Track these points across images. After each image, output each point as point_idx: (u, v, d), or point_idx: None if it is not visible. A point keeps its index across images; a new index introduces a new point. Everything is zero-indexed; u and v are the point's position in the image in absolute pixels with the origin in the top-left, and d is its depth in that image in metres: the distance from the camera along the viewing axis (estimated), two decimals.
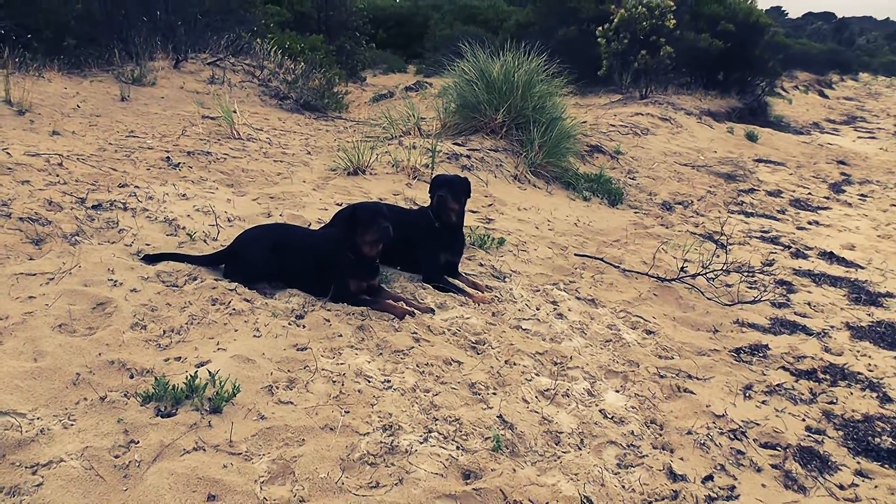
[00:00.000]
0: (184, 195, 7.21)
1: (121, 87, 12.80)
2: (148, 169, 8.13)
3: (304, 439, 3.79)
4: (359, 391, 4.29)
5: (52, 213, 6.06)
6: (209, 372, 4.02)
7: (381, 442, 3.85)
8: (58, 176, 7.10)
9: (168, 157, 8.72)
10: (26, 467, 3.31)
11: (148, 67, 14.67)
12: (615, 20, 23.58)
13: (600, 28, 23.92)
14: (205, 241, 6.31)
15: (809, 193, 14.45)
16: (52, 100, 11.22)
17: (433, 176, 6.59)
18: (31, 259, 5.38)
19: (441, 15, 44.45)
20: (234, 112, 11.18)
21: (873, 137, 25.98)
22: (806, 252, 9.93)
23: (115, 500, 3.23)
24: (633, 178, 12.95)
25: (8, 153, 7.45)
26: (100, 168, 7.69)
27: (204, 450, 3.58)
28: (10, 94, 10.06)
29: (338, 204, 7.70)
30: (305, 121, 15.01)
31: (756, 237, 10.49)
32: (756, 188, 14.15)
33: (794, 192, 14.41)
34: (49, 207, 6.17)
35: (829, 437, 5.01)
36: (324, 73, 18.36)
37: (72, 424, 3.65)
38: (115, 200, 6.62)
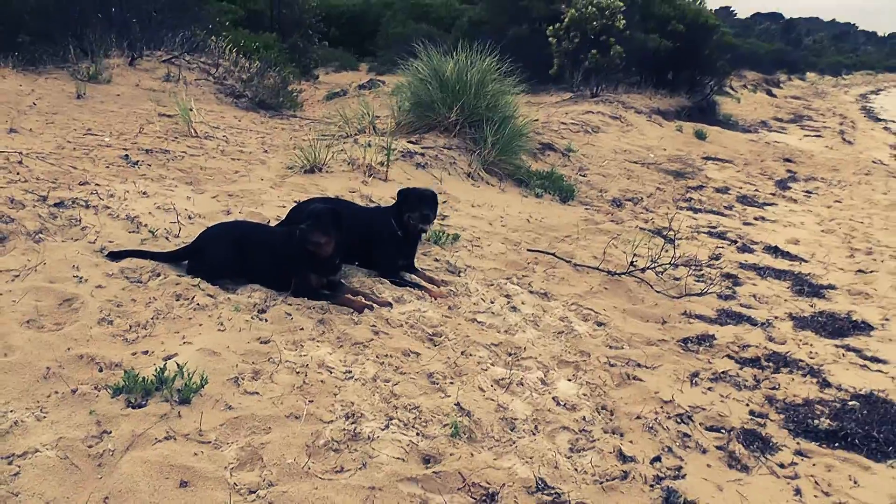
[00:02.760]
0: (144, 193, 7.29)
1: (77, 85, 12.81)
2: (107, 167, 8.20)
3: (270, 427, 3.94)
4: (322, 381, 4.45)
5: (15, 211, 6.11)
6: (177, 364, 4.15)
7: (345, 429, 4.01)
8: (18, 174, 7.16)
9: (127, 155, 8.79)
10: (2, 458, 3.43)
11: (103, 65, 14.65)
12: (566, 20, 23.86)
13: (551, 27, 24.17)
14: (167, 238, 6.41)
15: (756, 190, 14.84)
16: (8, 97, 11.22)
17: (405, 188, 6.69)
18: None
19: (393, 13, 44.33)
20: (191, 110, 11.23)
21: (819, 136, 26.60)
22: (752, 246, 10.25)
23: (91, 487, 3.37)
24: (584, 176, 13.20)
25: None
26: (59, 166, 7.75)
27: (175, 439, 3.72)
28: None
29: (295, 201, 7.82)
30: (261, 119, 15.09)
31: (704, 232, 10.79)
32: (704, 185, 14.50)
33: (741, 188, 14.79)
34: (11, 205, 6.22)
35: (772, 420, 5.28)
36: (278, 71, 18.41)
37: (44, 416, 3.77)
38: (76, 198, 6.69)
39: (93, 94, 12.80)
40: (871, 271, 9.30)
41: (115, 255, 5.73)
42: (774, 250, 10.13)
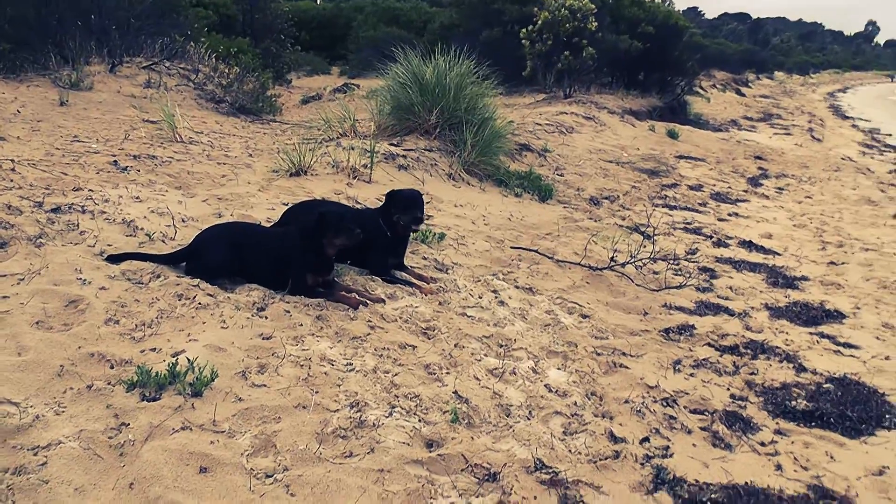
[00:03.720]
0: (137, 198, 7.45)
1: (59, 92, 12.90)
2: (97, 173, 8.34)
3: (280, 417, 4.15)
4: (325, 373, 4.66)
5: (13, 217, 6.26)
6: (188, 359, 4.34)
7: (351, 417, 4.23)
8: (12, 181, 7.29)
9: (115, 161, 8.93)
10: (28, 450, 3.59)
11: (84, 72, 14.70)
12: (539, 22, 24.11)
13: (524, 30, 24.41)
14: (163, 240, 6.57)
15: (729, 187, 15.16)
16: None
17: (393, 190, 6.89)
18: None
19: (364, 17, 44.45)
20: (174, 116, 11.37)
21: (789, 134, 27.01)
22: (727, 241, 10.54)
23: (116, 474, 3.56)
24: (561, 175, 13.43)
25: None
26: (51, 173, 7.88)
27: (190, 429, 3.91)
28: None
29: (284, 204, 8.00)
30: (242, 124, 15.22)
31: (680, 228, 11.08)
32: (678, 183, 14.79)
33: (714, 186, 15.10)
34: (9, 212, 6.36)
35: (751, 403, 5.55)
36: (257, 76, 18.54)
37: (63, 411, 3.94)
38: (72, 204, 6.84)
39: (75, 102, 12.89)
40: (843, 263, 9.64)
41: (115, 258, 5.87)
42: (749, 245, 10.42)
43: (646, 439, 4.75)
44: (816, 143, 24.67)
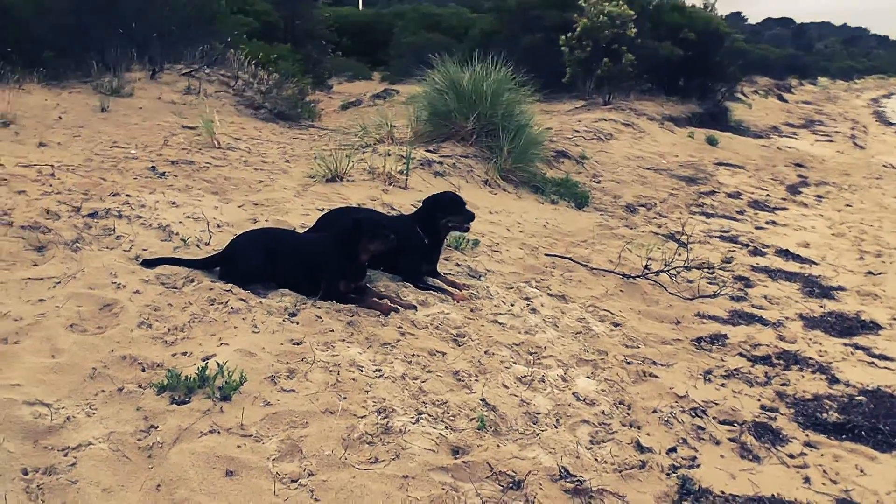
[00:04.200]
0: (174, 203, 7.54)
1: (100, 99, 13.12)
2: (135, 178, 8.47)
3: (307, 422, 4.18)
4: (353, 379, 4.68)
5: (51, 222, 6.38)
6: (217, 363, 4.39)
7: (378, 423, 4.25)
8: (51, 186, 7.43)
9: (153, 167, 9.07)
10: (58, 450, 3.66)
11: (125, 79, 14.95)
12: (578, 29, 24.01)
13: (564, 37, 24.33)
14: (198, 245, 6.65)
15: (768, 195, 15.02)
16: (34, 111, 11.52)
17: (432, 195, 6.94)
18: (35, 265, 5.71)
19: (405, 23, 44.63)
20: (213, 122, 11.50)
21: (830, 140, 26.68)
22: (763, 250, 10.44)
23: (143, 476, 3.61)
24: (597, 182, 13.40)
25: (1, 164, 7.76)
26: (90, 178, 8.02)
27: (218, 432, 3.96)
28: None
29: (319, 210, 8.06)
30: (280, 130, 15.35)
31: (716, 236, 10.99)
32: (716, 190, 14.67)
33: (752, 193, 14.96)
34: (47, 216, 6.50)
35: (782, 414, 5.50)
36: (296, 82, 18.67)
37: (94, 413, 4.01)
38: (109, 209, 6.95)
39: (116, 108, 13.09)
40: (881, 273, 9.51)
41: (150, 263, 5.95)
42: (785, 253, 10.32)
43: (673, 449, 4.73)
44: (859, 150, 24.35)
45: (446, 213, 6.60)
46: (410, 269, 6.64)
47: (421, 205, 6.89)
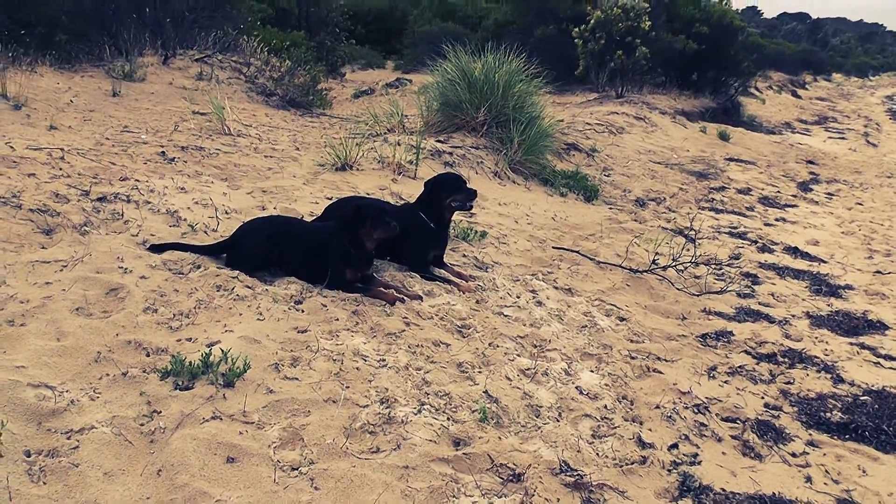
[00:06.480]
0: (182, 188, 7.56)
1: (112, 83, 13.12)
2: (145, 163, 8.48)
3: (309, 410, 4.19)
4: (357, 369, 4.69)
5: (60, 205, 6.39)
6: (221, 350, 4.40)
7: (380, 413, 4.26)
8: (61, 169, 7.44)
9: (163, 152, 9.08)
10: (61, 433, 3.68)
11: (137, 63, 14.96)
12: (592, 21, 23.95)
13: (577, 29, 24.27)
14: (205, 231, 6.66)
15: (778, 192, 14.97)
16: (46, 94, 11.53)
17: (433, 177, 6.93)
18: (43, 248, 5.71)
19: (419, 11, 44.54)
20: (224, 108, 11.51)
21: (843, 138, 26.57)
22: (772, 247, 10.42)
23: (145, 461, 3.63)
24: (608, 176, 13.38)
25: (11, 147, 7.77)
26: (99, 162, 8.03)
27: (221, 419, 3.97)
28: (6, 89, 10.36)
29: (328, 198, 8.06)
30: (291, 117, 15.36)
31: (725, 232, 10.97)
32: (727, 186, 14.63)
33: (763, 190, 14.92)
34: (56, 199, 6.50)
35: (785, 413, 5.50)
36: (308, 70, 18.65)
37: (98, 396, 4.03)
38: (118, 193, 6.96)
39: (128, 92, 13.11)
40: (889, 272, 9.47)
41: (157, 248, 5.96)
42: (794, 251, 10.29)
43: (674, 445, 4.73)
44: (871, 147, 24.22)
45: (449, 192, 6.59)
46: (416, 257, 6.63)
47: (423, 188, 6.87)
